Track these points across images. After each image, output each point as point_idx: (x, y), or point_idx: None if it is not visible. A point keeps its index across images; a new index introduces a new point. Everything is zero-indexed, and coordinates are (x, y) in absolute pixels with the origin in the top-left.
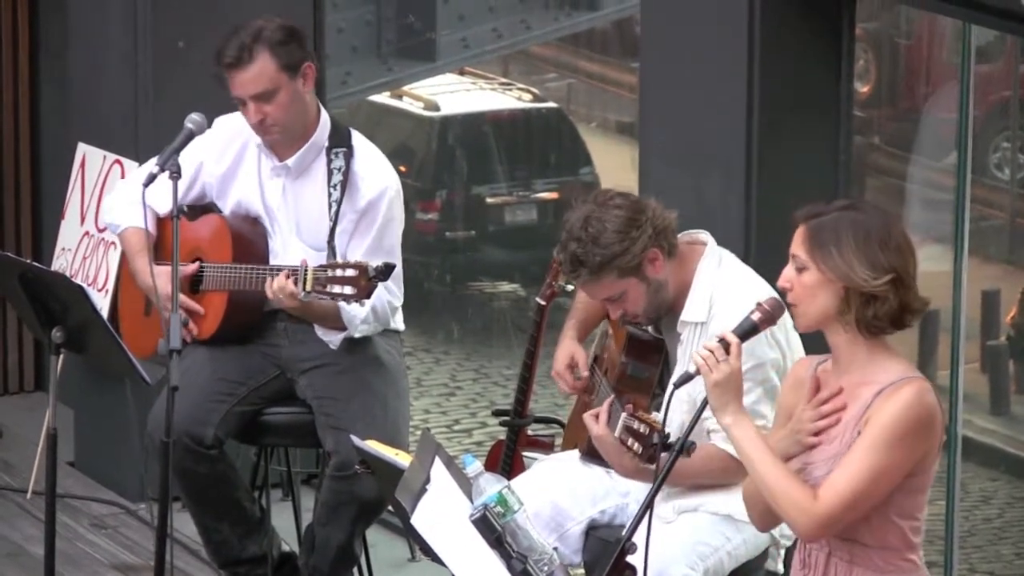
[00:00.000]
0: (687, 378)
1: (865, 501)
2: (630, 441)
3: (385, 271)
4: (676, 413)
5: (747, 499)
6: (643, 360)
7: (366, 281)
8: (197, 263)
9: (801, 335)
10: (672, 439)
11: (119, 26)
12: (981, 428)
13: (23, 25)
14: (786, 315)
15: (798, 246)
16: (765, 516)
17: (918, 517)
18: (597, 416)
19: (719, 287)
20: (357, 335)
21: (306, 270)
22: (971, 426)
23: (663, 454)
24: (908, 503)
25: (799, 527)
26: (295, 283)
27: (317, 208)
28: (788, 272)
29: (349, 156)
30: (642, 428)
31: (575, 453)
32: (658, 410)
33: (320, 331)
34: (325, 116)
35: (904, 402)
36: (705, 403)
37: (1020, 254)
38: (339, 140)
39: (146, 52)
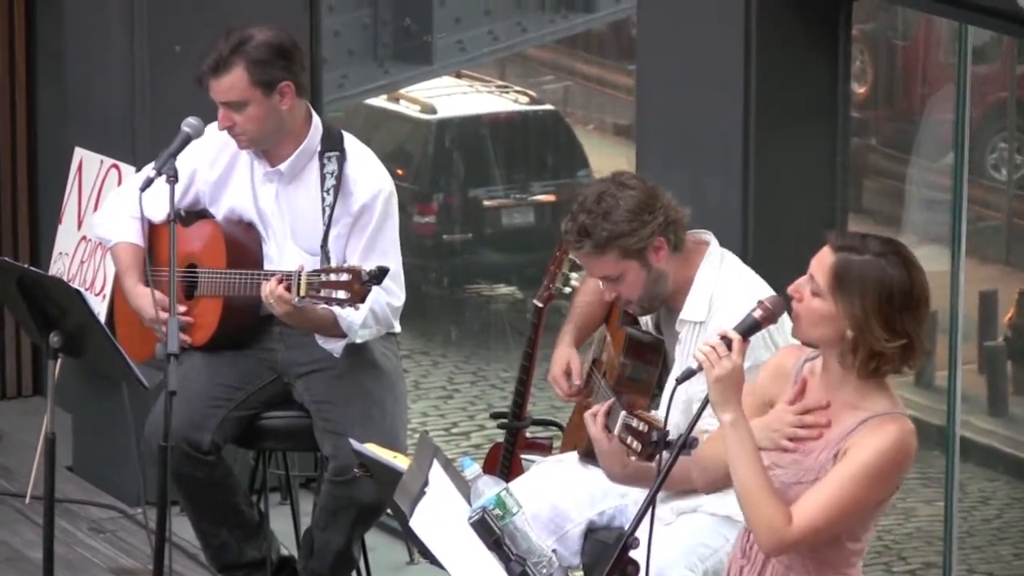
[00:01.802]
0: (689, 374)
1: (833, 531)
2: (629, 439)
3: (379, 275)
4: (674, 413)
5: (704, 459)
6: (642, 361)
7: (360, 285)
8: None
9: None
10: (672, 437)
11: (116, 30)
12: (979, 429)
13: (20, 29)
14: (784, 316)
15: (820, 273)
16: (713, 484)
17: (863, 539)
18: (596, 415)
19: (719, 287)
20: (359, 340)
21: (300, 275)
22: (969, 427)
23: (664, 452)
24: (858, 527)
25: (764, 543)
26: (288, 288)
27: (311, 213)
28: (802, 285)
29: (342, 160)
30: (641, 426)
31: (573, 455)
32: (657, 410)
33: (321, 339)
34: (317, 120)
35: (888, 440)
36: (707, 400)
37: (1017, 255)
38: (331, 144)
39: (143, 56)
